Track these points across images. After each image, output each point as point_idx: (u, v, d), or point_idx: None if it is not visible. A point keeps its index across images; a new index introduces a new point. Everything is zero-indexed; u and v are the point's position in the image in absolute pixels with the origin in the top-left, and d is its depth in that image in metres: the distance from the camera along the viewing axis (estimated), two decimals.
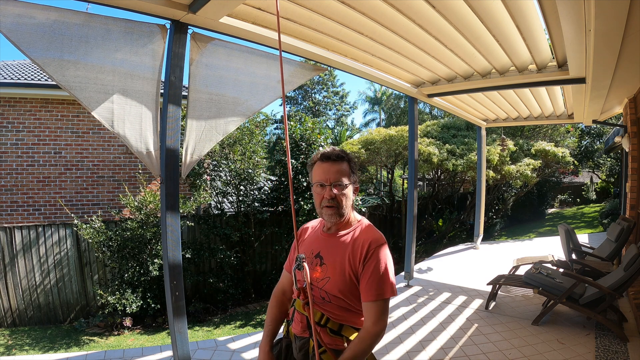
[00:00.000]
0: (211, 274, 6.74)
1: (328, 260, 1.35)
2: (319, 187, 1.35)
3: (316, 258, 1.39)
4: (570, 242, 4.43)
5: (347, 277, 1.29)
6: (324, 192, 1.33)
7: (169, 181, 2.31)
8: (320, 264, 1.36)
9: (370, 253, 1.28)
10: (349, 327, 1.34)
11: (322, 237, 1.43)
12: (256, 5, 2.34)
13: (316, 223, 1.54)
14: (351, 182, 1.37)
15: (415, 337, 3.15)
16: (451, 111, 5.30)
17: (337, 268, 1.32)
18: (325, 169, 1.35)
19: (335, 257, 1.34)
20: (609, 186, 15.56)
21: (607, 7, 1.84)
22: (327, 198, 1.33)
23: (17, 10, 1.76)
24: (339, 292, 1.30)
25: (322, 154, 1.39)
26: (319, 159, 1.39)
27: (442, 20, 2.60)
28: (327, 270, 1.33)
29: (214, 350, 2.95)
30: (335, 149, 1.40)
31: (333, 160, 1.35)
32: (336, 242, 1.37)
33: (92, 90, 2.01)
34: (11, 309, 5.69)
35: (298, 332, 1.39)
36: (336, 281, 1.30)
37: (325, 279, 1.33)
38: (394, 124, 23.87)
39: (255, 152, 7.07)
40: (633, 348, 2.78)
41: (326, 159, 1.36)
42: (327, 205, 1.34)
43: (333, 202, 1.33)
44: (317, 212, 1.40)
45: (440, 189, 11.05)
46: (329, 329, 1.33)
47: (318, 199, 1.36)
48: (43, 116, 6.65)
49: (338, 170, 1.34)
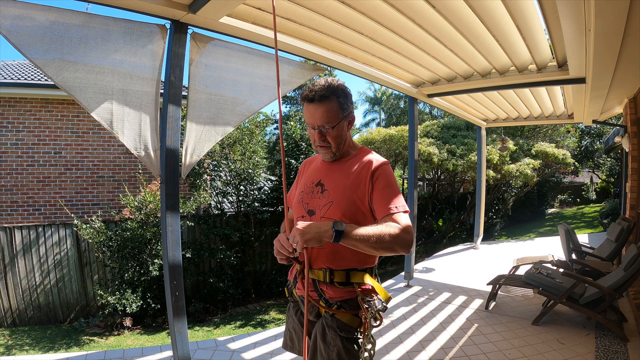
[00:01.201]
0: (211, 274, 6.74)
1: (330, 186, 1.33)
2: (310, 128, 1.30)
3: (317, 186, 1.36)
4: (570, 242, 4.42)
5: (352, 199, 1.27)
6: (315, 134, 1.30)
7: (169, 181, 2.31)
8: (321, 191, 1.34)
9: (378, 172, 1.27)
10: (356, 271, 1.30)
11: (321, 166, 1.41)
12: (256, 5, 2.34)
13: (317, 157, 1.50)
14: (342, 117, 1.28)
15: (415, 337, 3.15)
16: (451, 111, 5.30)
17: (340, 191, 1.29)
18: (311, 112, 1.27)
19: (338, 182, 1.31)
20: (609, 186, 15.56)
21: (607, 7, 1.83)
22: (317, 140, 1.30)
23: (17, 12, 1.76)
24: (342, 215, 1.26)
25: (304, 95, 1.28)
26: (302, 98, 1.30)
27: (442, 20, 2.59)
28: (330, 195, 1.31)
29: (214, 350, 2.95)
30: (318, 85, 1.26)
31: (317, 102, 1.25)
32: (337, 168, 1.35)
33: (91, 91, 2.01)
34: (11, 309, 5.69)
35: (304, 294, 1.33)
36: (340, 204, 1.28)
37: (327, 204, 1.30)
38: (394, 124, 23.87)
39: (255, 152, 7.07)
40: (633, 348, 2.77)
41: (309, 100, 1.26)
42: (320, 146, 1.31)
43: (325, 143, 1.30)
44: (314, 149, 1.39)
45: (440, 189, 11.05)
46: (337, 283, 1.29)
47: (312, 138, 1.33)
48: (43, 116, 6.65)
49: (324, 112, 1.25)
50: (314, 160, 1.51)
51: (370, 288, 1.30)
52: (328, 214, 1.28)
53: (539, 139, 10.89)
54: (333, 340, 1.27)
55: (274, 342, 3.11)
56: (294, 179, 1.61)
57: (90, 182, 6.98)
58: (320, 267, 1.30)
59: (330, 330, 1.29)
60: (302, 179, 1.48)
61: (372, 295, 1.29)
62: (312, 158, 1.53)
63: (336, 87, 1.27)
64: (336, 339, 1.27)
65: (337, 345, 1.27)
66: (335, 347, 1.27)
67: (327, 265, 1.29)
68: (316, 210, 1.31)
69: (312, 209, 1.33)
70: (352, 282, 1.29)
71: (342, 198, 1.28)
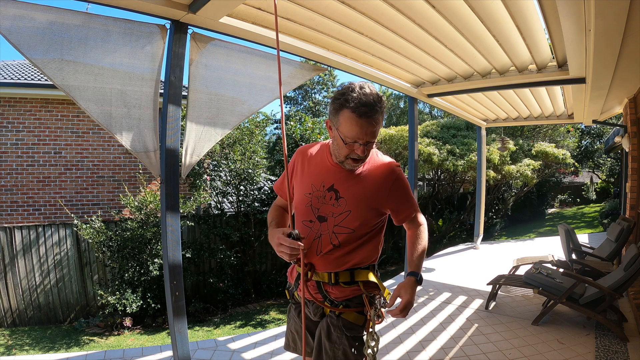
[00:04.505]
0: (211, 274, 6.74)
1: (346, 194, 1.29)
2: (351, 142, 1.19)
3: (329, 191, 1.31)
4: (570, 242, 4.42)
5: (371, 207, 1.29)
6: (355, 147, 1.20)
7: (169, 181, 2.31)
8: (336, 197, 1.30)
9: (397, 183, 1.33)
10: (360, 269, 1.31)
11: (332, 168, 1.33)
12: (256, 5, 2.34)
13: (314, 149, 1.41)
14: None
15: (416, 337, 3.15)
16: (451, 111, 5.30)
17: (360, 201, 1.28)
18: (363, 126, 1.16)
19: (355, 191, 1.29)
20: (609, 186, 15.54)
21: (607, 7, 1.83)
22: (360, 155, 1.22)
23: (16, 12, 1.76)
24: (360, 225, 1.29)
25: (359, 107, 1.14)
26: (353, 109, 1.15)
27: (442, 20, 2.59)
28: (347, 204, 1.29)
29: (214, 350, 2.94)
30: (375, 99, 1.16)
31: (372, 117, 1.16)
32: (353, 175, 1.31)
33: (91, 92, 2.01)
34: (11, 309, 5.69)
35: (309, 297, 1.33)
36: (358, 215, 1.28)
37: (344, 213, 1.28)
38: (394, 124, 23.85)
39: (255, 152, 7.07)
40: (633, 348, 2.77)
41: (366, 117, 1.15)
42: (354, 159, 1.24)
43: (363, 157, 1.24)
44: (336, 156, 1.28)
45: (440, 189, 11.04)
46: (342, 283, 1.30)
47: (345, 151, 1.22)
48: (43, 116, 6.65)
49: (377, 128, 1.19)
50: (313, 152, 1.41)
51: (374, 285, 1.31)
52: (344, 223, 1.28)
53: (539, 139, 10.89)
54: (339, 339, 1.28)
55: (274, 342, 3.11)
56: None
57: (90, 182, 6.98)
58: (326, 270, 1.30)
59: (335, 329, 1.29)
60: (304, 174, 1.39)
61: (376, 292, 1.32)
62: (310, 149, 1.43)
63: (384, 101, 1.21)
64: (342, 337, 1.28)
65: (342, 343, 1.27)
66: (341, 345, 1.28)
67: (333, 269, 1.30)
68: (329, 218, 1.30)
69: (324, 216, 1.31)
70: (357, 280, 1.30)
71: (361, 209, 1.28)
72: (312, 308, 1.37)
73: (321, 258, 1.29)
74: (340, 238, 1.28)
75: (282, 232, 1.22)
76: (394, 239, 9.82)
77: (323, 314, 1.36)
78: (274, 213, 1.49)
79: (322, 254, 1.29)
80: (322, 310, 1.36)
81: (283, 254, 1.23)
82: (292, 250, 1.20)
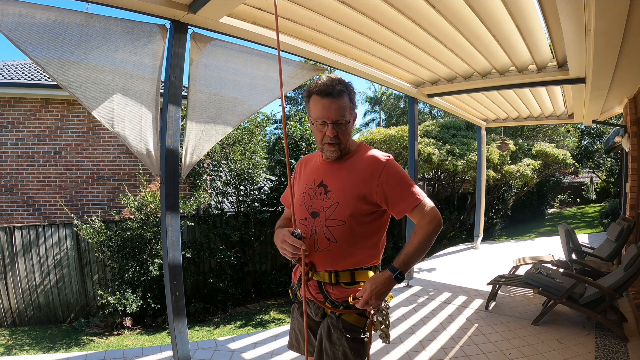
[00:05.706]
0: (211, 274, 6.74)
1: (334, 187, 1.31)
2: (319, 124, 1.27)
3: (319, 187, 1.34)
4: (570, 242, 4.42)
5: (359, 198, 1.27)
6: (325, 130, 1.26)
7: (169, 181, 2.31)
8: (324, 192, 1.32)
9: (384, 173, 1.27)
10: (361, 270, 1.31)
11: (322, 166, 1.38)
12: (256, 5, 2.34)
13: (313, 156, 1.47)
14: (351, 115, 1.30)
15: (416, 337, 3.15)
16: (451, 111, 5.30)
17: (346, 191, 1.28)
18: (326, 106, 1.24)
19: (343, 182, 1.30)
20: (609, 186, 15.55)
21: (607, 7, 1.84)
22: (330, 136, 1.26)
23: (17, 10, 1.76)
24: (350, 216, 1.26)
25: (320, 89, 1.25)
26: (316, 92, 1.26)
27: (442, 20, 2.60)
28: (335, 196, 1.29)
29: (214, 350, 2.94)
30: (334, 80, 1.26)
31: (334, 97, 1.24)
32: (339, 167, 1.33)
33: (92, 90, 2.02)
34: (11, 309, 5.69)
35: (309, 297, 1.34)
36: (347, 204, 1.27)
37: (333, 205, 1.29)
38: (394, 124, 23.86)
39: (255, 152, 7.07)
40: (633, 348, 2.77)
41: (326, 95, 1.24)
42: (329, 143, 1.28)
43: (335, 140, 1.27)
44: (318, 147, 1.34)
45: (440, 189, 11.04)
46: (343, 284, 1.30)
47: (319, 135, 1.29)
48: (43, 116, 6.65)
49: (340, 107, 1.25)
50: (311, 158, 1.48)
51: None
52: (334, 216, 1.27)
53: (539, 139, 10.88)
54: (339, 340, 1.28)
55: (274, 342, 3.10)
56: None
57: (90, 182, 6.98)
58: (325, 269, 1.30)
59: (335, 330, 1.29)
60: (300, 178, 1.45)
61: None
62: (309, 157, 1.50)
63: (347, 84, 1.28)
64: (342, 338, 1.28)
65: (342, 344, 1.27)
66: (340, 346, 1.27)
67: (332, 267, 1.30)
68: (320, 212, 1.31)
69: (316, 211, 1.32)
70: (358, 281, 1.30)
71: (348, 198, 1.27)
72: (314, 308, 1.38)
73: (319, 255, 1.30)
74: (334, 232, 1.27)
75: (286, 231, 1.27)
76: (394, 239, 9.82)
77: (324, 315, 1.36)
78: (280, 222, 1.54)
79: (320, 250, 1.29)
80: (323, 311, 1.36)
81: (286, 251, 1.27)
82: (293, 248, 1.24)
